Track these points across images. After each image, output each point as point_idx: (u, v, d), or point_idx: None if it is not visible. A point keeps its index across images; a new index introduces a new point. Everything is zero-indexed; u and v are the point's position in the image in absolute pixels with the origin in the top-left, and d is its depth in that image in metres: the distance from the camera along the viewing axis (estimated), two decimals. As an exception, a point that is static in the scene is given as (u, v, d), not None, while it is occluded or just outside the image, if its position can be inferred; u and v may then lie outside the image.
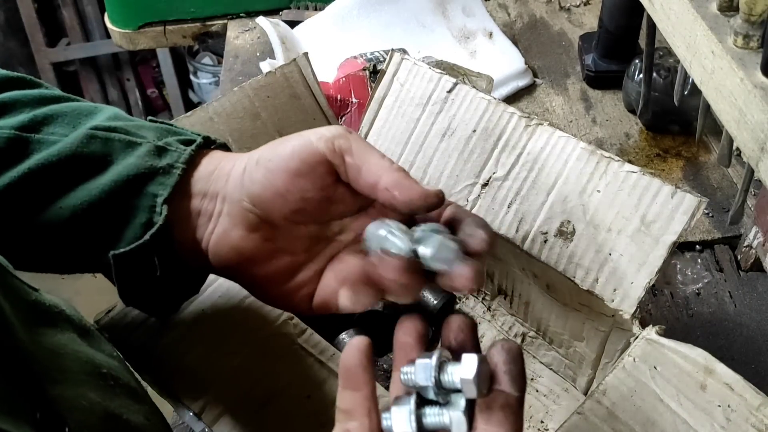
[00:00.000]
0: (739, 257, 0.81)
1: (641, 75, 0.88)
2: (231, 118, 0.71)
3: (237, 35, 1.20)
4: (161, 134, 0.50)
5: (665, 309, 0.77)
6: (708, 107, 0.63)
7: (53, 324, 0.48)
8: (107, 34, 1.51)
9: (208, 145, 0.51)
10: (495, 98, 0.61)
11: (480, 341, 0.43)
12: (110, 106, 0.53)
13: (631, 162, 0.55)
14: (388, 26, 1.12)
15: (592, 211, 0.55)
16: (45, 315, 0.48)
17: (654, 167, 0.92)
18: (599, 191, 0.55)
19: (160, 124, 0.52)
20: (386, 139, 0.66)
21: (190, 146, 0.49)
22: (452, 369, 0.37)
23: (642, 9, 0.68)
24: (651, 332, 0.50)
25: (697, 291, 0.78)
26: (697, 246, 0.83)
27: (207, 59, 2.30)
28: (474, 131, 0.62)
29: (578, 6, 1.20)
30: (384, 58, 0.89)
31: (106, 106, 0.53)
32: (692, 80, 0.60)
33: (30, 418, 0.38)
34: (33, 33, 2.43)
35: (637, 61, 0.94)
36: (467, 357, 0.36)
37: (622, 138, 0.96)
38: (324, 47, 1.08)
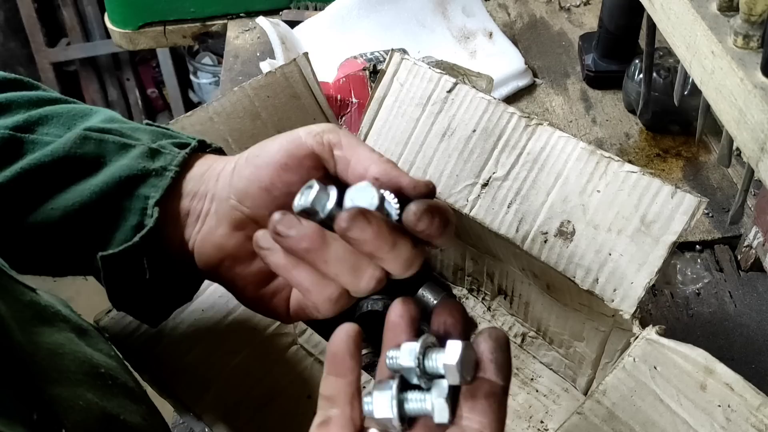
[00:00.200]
0: (739, 257, 0.81)
1: (641, 75, 0.88)
2: (231, 118, 0.71)
3: (237, 35, 1.20)
4: (156, 137, 0.50)
5: (665, 309, 0.77)
6: (708, 107, 0.63)
7: (50, 324, 0.48)
8: (107, 34, 1.51)
9: (204, 149, 0.51)
10: (495, 98, 0.61)
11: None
12: (106, 109, 0.53)
13: (631, 162, 0.55)
14: (388, 26, 1.12)
15: (592, 211, 0.55)
16: (42, 315, 0.48)
17: (654, 167, 0.92)
18: (599, 191, 0.55)
19: (156, 128, 0.52)
20: (386, 139, 0.66)
21: (185, 149, 0.49)
22: (437, 355, 0.36)
23: (642, 9, 0.67)
24: (651, 332, 0.50)
25: (697, 291, 0.78)
26: (697, 246, 0.83)
27: (207, 59, 2.29)
28: (474, 131, 0.62)
29: (578, 6, 1.20)
30: (384, 58, 0.89)
31: (102, 109, 0.53)
32: (692, 80, 0.60)
33: (26, 419, 0.38)
34: (33, 33, 2.43)
35: (637, 61, 0.94)
36: (452, 343, 0.35)
37: (622, 138, 0.96)
38: (324, 47, 1.08)
